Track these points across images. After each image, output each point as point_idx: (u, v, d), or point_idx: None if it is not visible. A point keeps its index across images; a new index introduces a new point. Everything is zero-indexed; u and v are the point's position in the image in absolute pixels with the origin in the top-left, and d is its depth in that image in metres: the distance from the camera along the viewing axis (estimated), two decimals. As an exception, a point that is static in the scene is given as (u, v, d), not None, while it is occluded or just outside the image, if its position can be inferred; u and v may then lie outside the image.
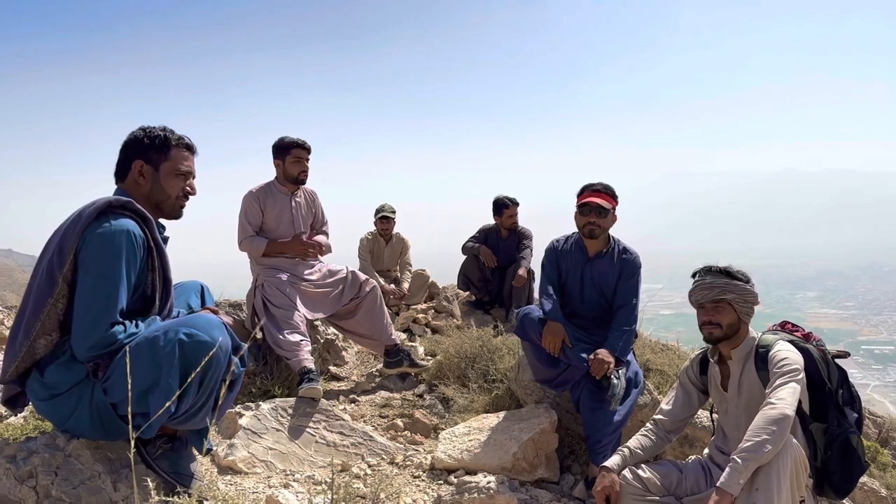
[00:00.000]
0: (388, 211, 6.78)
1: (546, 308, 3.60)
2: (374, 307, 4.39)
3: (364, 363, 5.02)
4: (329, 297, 4.31)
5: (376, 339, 4.44)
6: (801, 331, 2.75)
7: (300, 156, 4.20)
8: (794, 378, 2.39)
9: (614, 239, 3.69)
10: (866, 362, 43.71)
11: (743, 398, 2.65)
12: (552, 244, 3.80)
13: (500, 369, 4.26)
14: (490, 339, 4.67)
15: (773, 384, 2.41)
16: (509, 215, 6.22)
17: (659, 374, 4.27)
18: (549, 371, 3.57)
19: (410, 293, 6.67)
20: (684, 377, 2.91)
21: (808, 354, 2.57)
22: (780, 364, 2.44)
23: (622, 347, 3.45)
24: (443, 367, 4.53)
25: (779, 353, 2.49)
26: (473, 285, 6.46)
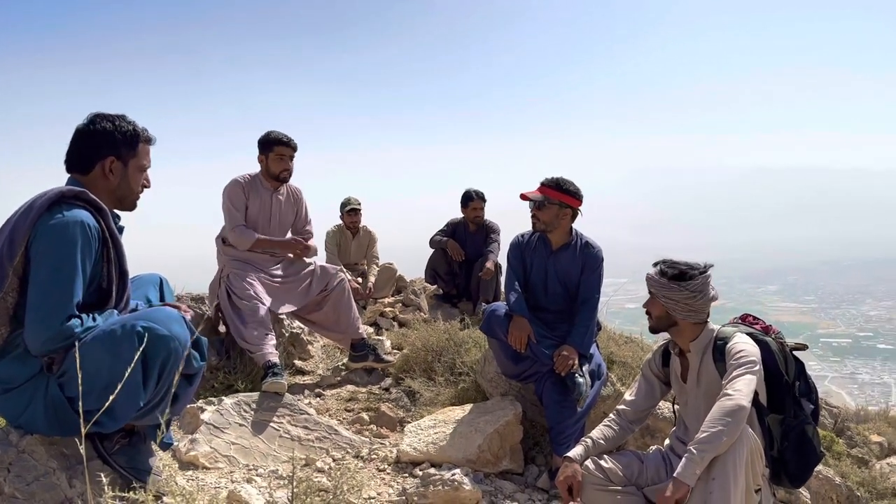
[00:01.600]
0: (355, 204, 6.74)
1: (511, 301, 3.62)
2: (341, 300, 4.36)
3: (330, 357, 4.99)
4: (296, 292, 4.27)
5: (342, 332, 4.42)
6: (761, 323, 2.81)
7: (283, 153, 4.15)
8: (750, 370, 2.44)
9: (577, 233, 3.72)
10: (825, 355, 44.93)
11: (702, 389, 2.70)
12: (516, 239, 3.83)
13: (466, 362, 4.28)
14: (457, 332, 4.69)
15: (729, 375, 2.45)
16: (473, 208, 6.26)
17: (622, 367, 4.34)
18: (514, 366, 3.61)
19: (377, 287, 6.65)
20: (647, 369, 2.96)
21: (767, 347, 2.63)
22: (736, 356, 2.49)
23: (585, 342, 3.49)
24: (409, 360, 4.54)
25: (736, 346, 2.54)
26: (441, 279, 6.47)
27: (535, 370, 3.54)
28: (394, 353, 4.95)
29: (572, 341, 3.47)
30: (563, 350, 3.42)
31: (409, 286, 6.70)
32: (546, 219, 3.59)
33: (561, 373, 3.36)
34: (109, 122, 2.24)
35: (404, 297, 6.57)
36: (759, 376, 2.49)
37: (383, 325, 5.97)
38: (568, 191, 3.57)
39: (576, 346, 3.45)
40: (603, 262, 3.69)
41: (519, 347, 3.48)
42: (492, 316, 3.66)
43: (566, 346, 3.45)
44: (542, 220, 3.60)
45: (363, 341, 4.49)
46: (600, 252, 3.70)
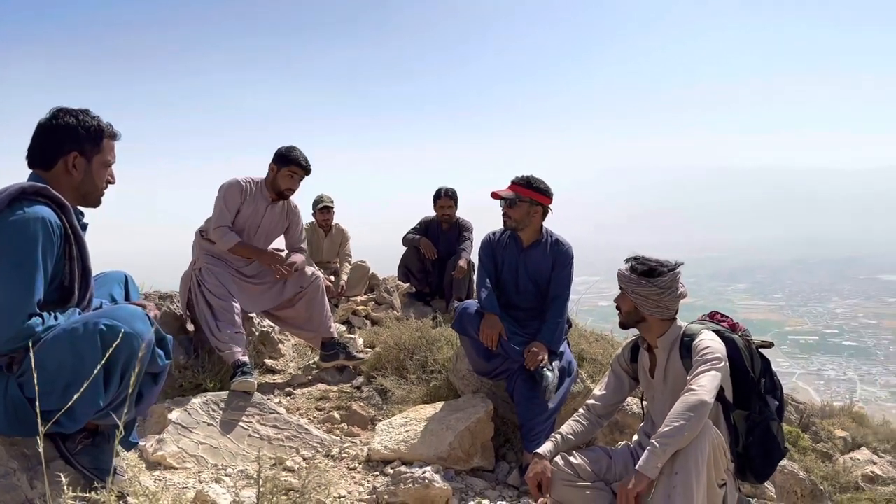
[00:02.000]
0: (328, 201, 6.71)
1: (482, 298, 3.63)
2: (315, 298, 4.35)
3: (301, 355, 4.97)
4: (270, 292, 4.26)
5: (314, 330, 4.41)
6: (729, 321, 2.85)
7: (295, 172, 4.15)
8: (715, 366, 2.47)
9: (547, 230, 3.75)
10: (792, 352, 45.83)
11: (669, 385, 2.73)
12: (488, 237, 3.85)
13: (438, 360, 4.28)
14: (429, 330, 4.69)
15: (694, 371, 2.49)
16: (440, 206, 6.27)
17: (592, 364, 4.38)
18: (486, 363, 3.63)
19: (350, 285, 6.63)
20: (616, 364, 3.00)
21: (733, 344, 2.67)
22: (702, 352, 2.53)
23: (555, 339, 3.53)
24: (381, 358, 4.53)
25: (702, 342, 2.58)
26: (414, 277, 6.47)
27: (506, 367, 3.56)
28: (366, 351, 4.94)
29: (542, 338, 3.50)
30: (533, 346, 3.45)
31: (381, 284, 6.69)
32: (517, 217, 3.61)
33: (530, 368, 3.39)
34: (73, 116, 2.19)
35: (377, 295, 6.55)
36: (725, 373, 2.53)
37: (356, 324, 5.95)
38: (538, 188, 3.59)
39: (546, 343, 3.48)
40: (573, 259, 3.73)
41: (490, 345, 3.50)
42: (463, 314, 3.67)
43: (536, 342, 3.48)
44: (512, 218, 3.62)
45: (334, 340, 4.48)
46: (570, 249, 3.73)
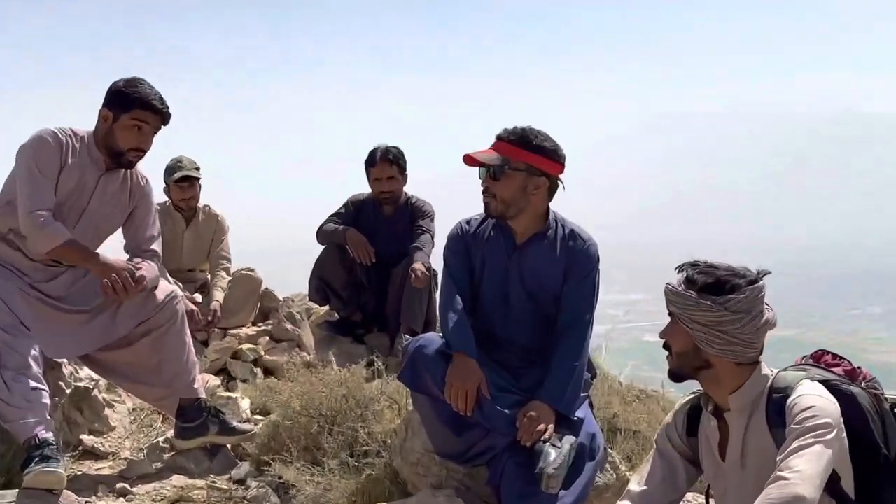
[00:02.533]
0: (190, 168, 6.61)
1: (450, 329, 3.65)
2: (168, 334, 4.33)
3: (144, 428, 4.95)
4: (91, 325, 4.21)
5: (165, 386, 4.38)
6: (845, 365, 2.90)
7: (145, 120, 4.11)
8: (820, 439, 2.49)
9: (556, 217, 3.78)
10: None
11: (750, 471, 2.76)
12: (459, 228, 3.88)
13: (375, 435, 4.28)
14: (361, 384, 4.70)
15: (787, 448, 2.51)
16: (376, 178, 6.23)
17: (633, 439, 4.43)
18: (455, 438, 3.64)
19: (229, 308, 6.56)
20: (664, 440, 3.02)
21: (853, 402, 2.69)
22: (800, 417, 2.55)
23: (567, 397, 3.55)
24: (281, 432, 4.52)
25: (801, 401, 2.60)
26: (336, 295, 6.44)
27: (488, 445, 3.57)
28: (254, 420, 4.92)
29: (547, 395, 3.52)
30: (532, 409, 3.46)
31: (281, 307, 6.66)
32: (506, 195, 3.62)
33: (526, 444, 3.39)
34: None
35: (274, 324, 6.52)
36: (839, 449, 2.55)
37: (238, 374, 5.94)
38: (541, 148, 3.60)
39: (552, 404, 3.49)
40: (598, 264, 3.77)
41: (463, 408, 3.49)
42: (417, 356, 3.67)
43: (536, 402, 3.49)
44: (498, 198, 3.63)
45: (200, 403, 4.44)
46: (593, 247, 3.77)
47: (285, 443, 4.43)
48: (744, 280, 2.71)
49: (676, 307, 2.77)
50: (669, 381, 3.00)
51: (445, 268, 3.84)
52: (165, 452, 4.55)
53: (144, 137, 4.20)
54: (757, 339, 2.73)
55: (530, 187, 3.62)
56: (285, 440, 4.44)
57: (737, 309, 2.68)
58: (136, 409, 5.12)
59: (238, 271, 6.81)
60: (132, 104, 4.11)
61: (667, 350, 2.85)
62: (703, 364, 2.78)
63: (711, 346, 2.73)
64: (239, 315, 6.65)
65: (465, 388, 3.48)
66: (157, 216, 4.54)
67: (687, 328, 2.75)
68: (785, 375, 2.78)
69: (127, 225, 4.42)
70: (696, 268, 2.78)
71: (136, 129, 4.14)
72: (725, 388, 2.79)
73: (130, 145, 4.17)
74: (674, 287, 2.78)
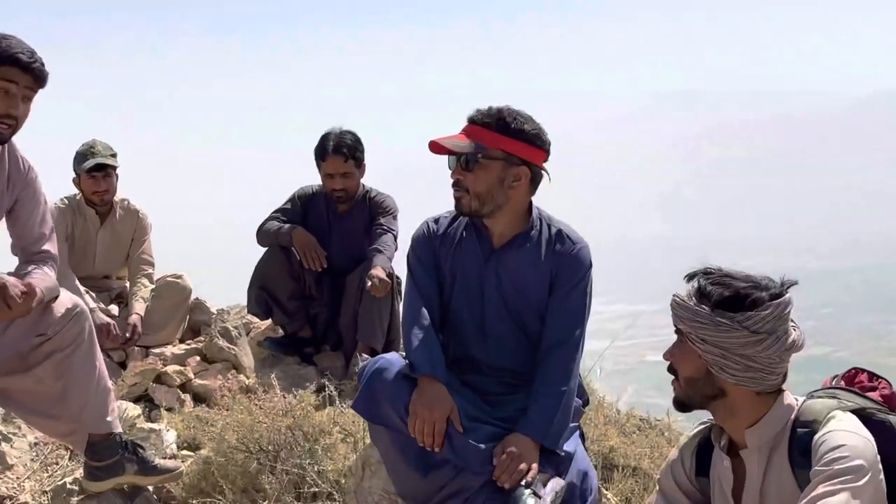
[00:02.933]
0: (104, 154, 6.56)
1: (415, 348, 3.66)
2: (73, 357, 4.27)
3: (47, 467, 4.91)
4: None
5: (72, 420, 4.32)
6: (884, 387, 2.90)
7: (12, 79, 4.00)
8: (849, 485, 2.47)
9: (540, 214, 3.81)
10: None
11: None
12: (425, 228, 3.90)
13: (326, 474, 4.29)
14: (309, 413, 4.70)
15: (808, 494, 2.50)
16: (328, 173, 6.16)
17: (632, 477, 4.45)
18: (421, 480, 3.63)
19: (152, 323, 6.54)
20: (668, 480, 3.03)
21: (892, 435, 2.70)
22: (828, 458, 2.54)
23: (554, 429, 3.56)
24: (213, 471, 4.53)
25: (830, 438, 2.59)
26: (280, 307, 6.41)
27: (459, 486, 3.56)
28: (182, 457, 4.91)
29: (530, 427, 3.53)
30: (512, 444, 3.47)
31: (215, 321, 6.65)
32: (480, 188, 3.63)
33: (504, 485, 3.40)
34: None
35: (206, 342, 6.52)
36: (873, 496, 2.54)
37: (162, 401, 5.91)
38: (520, 132, 3.61)
39: (535, 438, 3.51)
40: (590, 270, 3.78)
41: (430, 443, 3.50)
42: (377, 381, 3.67)
43: (518, 436, 3.50)
44: (472, 192, 3.64)
45: (115, 437, 4.40)
46: (585, 250, 3.79)
47: (218, 483, 4.42)
48: (767, 293, 2.69)
49: (685, 324, 2.76)
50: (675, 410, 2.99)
51: (410, 275, 3.85)
52: (74, 496, 4.49)
53: (12, 101, 4.05)
54: (780, 364, 2.73)
55: (509, 179, 3.63)
56: (218, 480, 4.44)
57: (758, 329, 2.67)
58: (39, 444, 5.07)
59: (163, 278, 6.78)
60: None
61: (672, 374, 2.85)
62: (716, 392, 2.77)
63: (726, 371, 2.72)
64: (164, 331, 6.64)
65: (432, 418, 3.48)
66: (47, 210, 4.44)
67: (698, 349, 2.74)
68: (812, 406, 2.76)
69: (11, 222, 4.32)
70: (709, 277, 2.76)
71: (2, 91, 4.04)
72: (742, 420, 2.78)
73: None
74: (683, 300, 2.77)
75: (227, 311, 6.80)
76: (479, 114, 3.64)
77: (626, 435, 4.93)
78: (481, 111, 3.64)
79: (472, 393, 3.66)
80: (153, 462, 4.46)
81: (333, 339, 6.47)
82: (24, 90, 4.08)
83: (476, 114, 3.64)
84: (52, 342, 4.22)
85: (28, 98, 4.11)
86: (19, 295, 3.94)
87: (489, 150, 3.60)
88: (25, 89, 4.08)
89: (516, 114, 3.61)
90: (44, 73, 4.10)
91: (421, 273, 3.80)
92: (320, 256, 6.20)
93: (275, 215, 6.42)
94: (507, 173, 3.62)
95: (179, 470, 4.54)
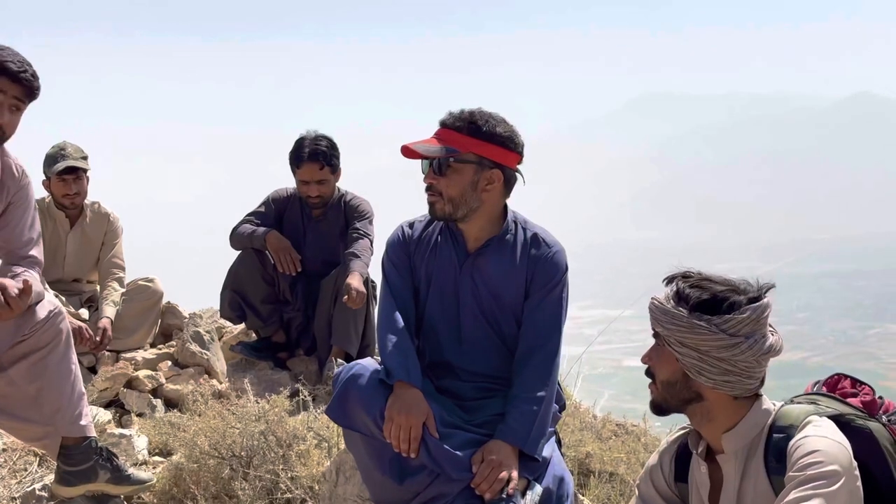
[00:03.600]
0: (74, 157, 6.53)
1: (389, 353, 3.65)
2: (49, 358, 4.26)
3: (16, 473, 4.89)
4: None
5: (44, 422, 4.31)
6: (865, 394, 2.91)
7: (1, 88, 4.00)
8: (822, 490, 2.48)
9: (515, 217, 3.81)
10: None
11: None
12: (399, 233, 3.90)
13: (300, 480, 4.29)
14: (283, 419, 4.68)
15: (783, 499, 2.51)
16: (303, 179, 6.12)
17: (609, 483, 4.46)
18: (396, 487, 3.61)
19: (124, 327, 6.51)
20: (647, 486, 3.04)
21: (870, 441, 2.71)
22: (801, 464, 2.55)
23: (533, 435, 3.55)
24: (185, 477, 4.52)
25: (804, 444, 2.60)
26: (253, 311, 6.39)
27: (436, 493, 3.55)
28: (153, 463, 4.90)
29: (509, 433, 3.52)
30: (492, 451, 3.46)
31: (187, 325, 6.64)
32: (454, 192, 3.64)
33: (485, 496, 3.39)
34: None
35: (178, 347, 6.51)
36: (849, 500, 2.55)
37: (134, 407, 5.90)
38: (493, 135, 3.62)
39: (514, 443, 3.50)
40: (566, 273, 3.79)
41: (405, 449, 3.49)
42: (351, 387, 3.65)
43: (497, 442, 3.50)
44: (446, 197, 3.64)
45: (90, 442, 4.38)
46: (560, 253, 3.79)
47: (190, 490, 4.41)
48: (744, 297, 2.70)
49: (663, 327, 2.77)
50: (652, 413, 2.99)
51: (384, 279, 3.84)
52: (44, 502, 4.48)
53: (1, 111, 4.08)
54: (758, 368, 2.74)
55: (482, 182, 3.63)
56: (190, 486, 4.43)
57: (736, 332, 2.68)
58: (8, 450, 5.05)
59: (134, 282, 6.77)
60: None
61: (650, 377, 2.86)
62: (692, 396, 2.78)
63: (704, 374, 2.73)
64: (135, 335, 6.63)
65: (408, 424, 3.47)
66: (36, 215, 4.45)
67: (675, 353, 2.75)
68: (789, 411, 2.77)
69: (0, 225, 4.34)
70: (688, 280, 2.78)
71: None
72: (718, 425, 2.79)
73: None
74: (661, 303, 2.78)
75: (200, 315, 6.78)
76: (450, 117, 3.64)
77: (602, 440, 4.94)
78: (453, 114, 3.65)
79: (447, 399, 3.66)
80: (126, 472, 4.45)
81: (307, 344, 6.47)
82: (12, 100, 4.08)
83: (447, 117, 3.65)
84: (28, 343, 4.20)
85: (16, 108, 4.11)
86: (19, 295, 3.96)
87: (461, 153, 3.61)
88: (13, 99, 4.07)
89: (488, 116, 3.62)
90: (34, 84, 4.09)
91: (396, 277, 3.80)
92: (294, 260, 6.19)
93: (248, 218, 6.40)
94: (480, 176, 3.62)
95: (151, 482, 4.53)
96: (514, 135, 3.65)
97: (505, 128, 3.63)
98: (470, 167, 3.61)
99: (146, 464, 4.80)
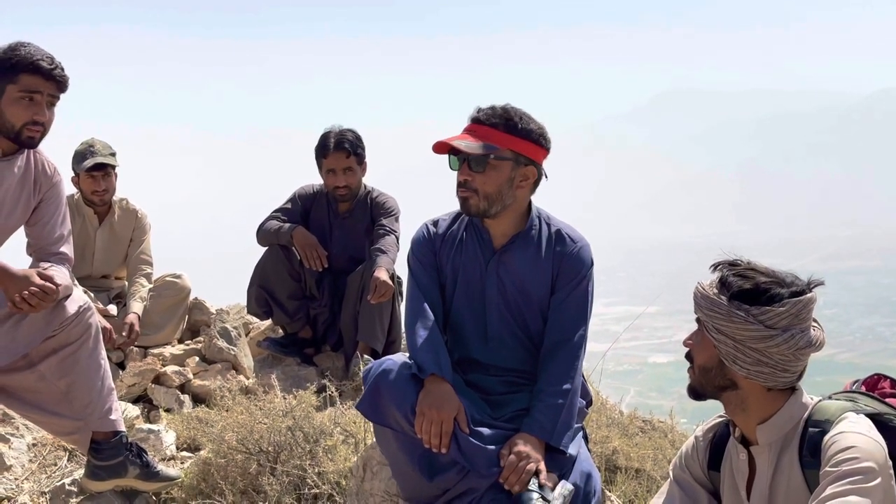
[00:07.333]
0: (104, 154, 6.55)
1: (419, 347, 3.65)
2: (79, 354, 4.27)
3: (46, 468, 4.91)
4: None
5: (74, 416, 4.32)
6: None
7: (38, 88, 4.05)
8: (858, 486, 2.46)
9: (540, 214, 3.82)
10: None
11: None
12: (424, 231, 3.91)
13: (327, 475, 4.28)
14: (310, 414, 4.70)
15: (818, 496, 2.49)
16: (330, 168, 6.11)
17: (636, 479, 4.45)
18: (426, 481, 3.61)
19: (151, 322, 6.52)
20: (682, 471, 3.03)
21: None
22: (837, 459, 2.53)
23: (559, 429, 3.55)
24: (213, 472, 4.52)
25: (840, 439, 2.58)
26: (280, 307, 6.39)
27: (466, 488, 3.56)
28: (181, 458, 4.92)
29: (535, 426, 3.53)
30: (517, 445, 3.46)
31: (214, 321, 6.66)
32: (491, 189, 3.63)
33: (512, 489, 3.39)
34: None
35: (205, 342, 6.52)
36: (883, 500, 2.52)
37: (161, 402, 5.92)
38: (528, 131, 3.62)
39: (540, 437, 3.51)
40: (592, 269, 3.79)
41: (436, 444, 3.49)
42: (382, 383, 3.65)
43: (524, 435, 3.50)
44: (482, 194, 3.63)
45: (120, 438, 4.40)
46: (586, 249, 3.79)
47: (218, 485, 4.41)
48: (787, 290, 2.69)
49: (703, 313, 2.78)
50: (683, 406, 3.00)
51: (411, 276, 3.85)
52: (73, 497, 4.50)
53: (38, 108, 4.10)
54: (795, 362, 2.72)
55: (517, 179, 3.64)
56: (218, 481, 4.43)
57: (773, 324, 2.68)
58: (38, 445, 5.07)
59: (161, 278, 6.77)
60: (16, 70, 4.02)
61: (689, 361, 2.86)
62: (727, 384, 2.78)
63: (738, 363, 2.73)
64: (162, 331, 6.63)
65: (440, 418, 3.47)
66: (67, 212, 4.47)
67: (713, 339, 2.76)
68: (827, 406, 2.75)
69: (31, 222, 4.34)
70: (734, 268, 2.77)
71: (27, 99, 4.06)
72: (752, 416, 2.78)
73: (23, 120, 4.08)
74: (704, 289, 2.78)
75: (227, 311, 6.79)
76: (485, 113, 3.63)
77: (628, 437, 4.91)
78: (485, 111, 3.64)
79: (475, 394, 3.66)
80: (156, 468, 4.48)
81: (334, 340, 6.46)
82: (48, 97, 4.14)
83: (481, 113, 3.64)
84: (58, 338, 4.22)
85: (52, 104, 4.17)
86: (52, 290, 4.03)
87: (500, 150, 3.60)
88: (49, 96, 4.13)
89: (521, 113, 3.62)
90: (65, 78, 4.14)
91: (422, 274, 3.81)
92: (321, 256, 6.17)
93: (275, 214, 6.39)
94: (516, 173, 3.63)
95: (180, 478, 4.56)
96: (545, 131, 3.66)
97: (537, 125, 3.64)
98: (507, 164, 3.61)
99: (174, 459, 4.81)
